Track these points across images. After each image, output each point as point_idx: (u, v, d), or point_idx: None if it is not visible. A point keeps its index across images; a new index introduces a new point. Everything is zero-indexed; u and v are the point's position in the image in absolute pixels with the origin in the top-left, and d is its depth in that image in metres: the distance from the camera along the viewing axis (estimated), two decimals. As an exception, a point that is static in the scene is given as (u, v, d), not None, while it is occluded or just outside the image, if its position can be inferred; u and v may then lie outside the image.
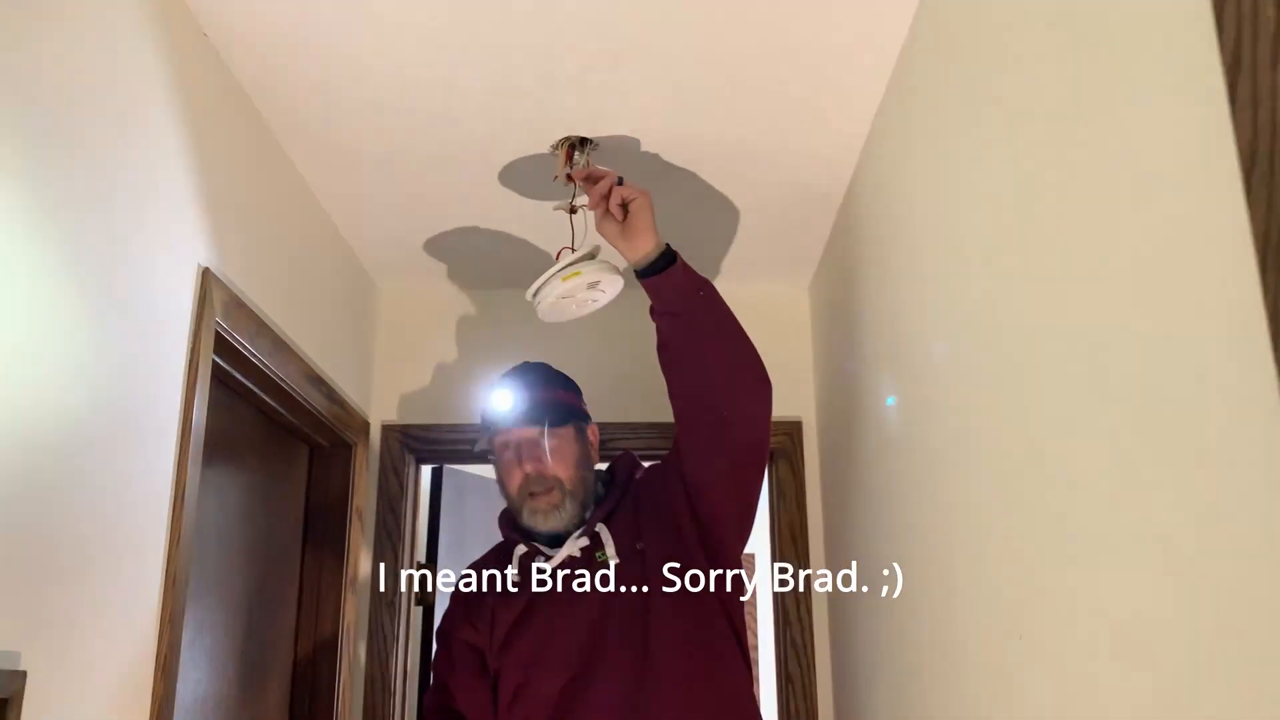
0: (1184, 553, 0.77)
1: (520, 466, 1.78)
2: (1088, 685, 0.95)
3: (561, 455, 1.76)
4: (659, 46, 1.62)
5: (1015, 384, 1.15)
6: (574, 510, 1.77)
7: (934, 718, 1.50)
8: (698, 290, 1.71)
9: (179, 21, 1.50)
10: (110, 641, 1.30)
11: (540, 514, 1.76)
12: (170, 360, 1.47)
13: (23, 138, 1.11)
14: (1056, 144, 1.01)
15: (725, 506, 1.72)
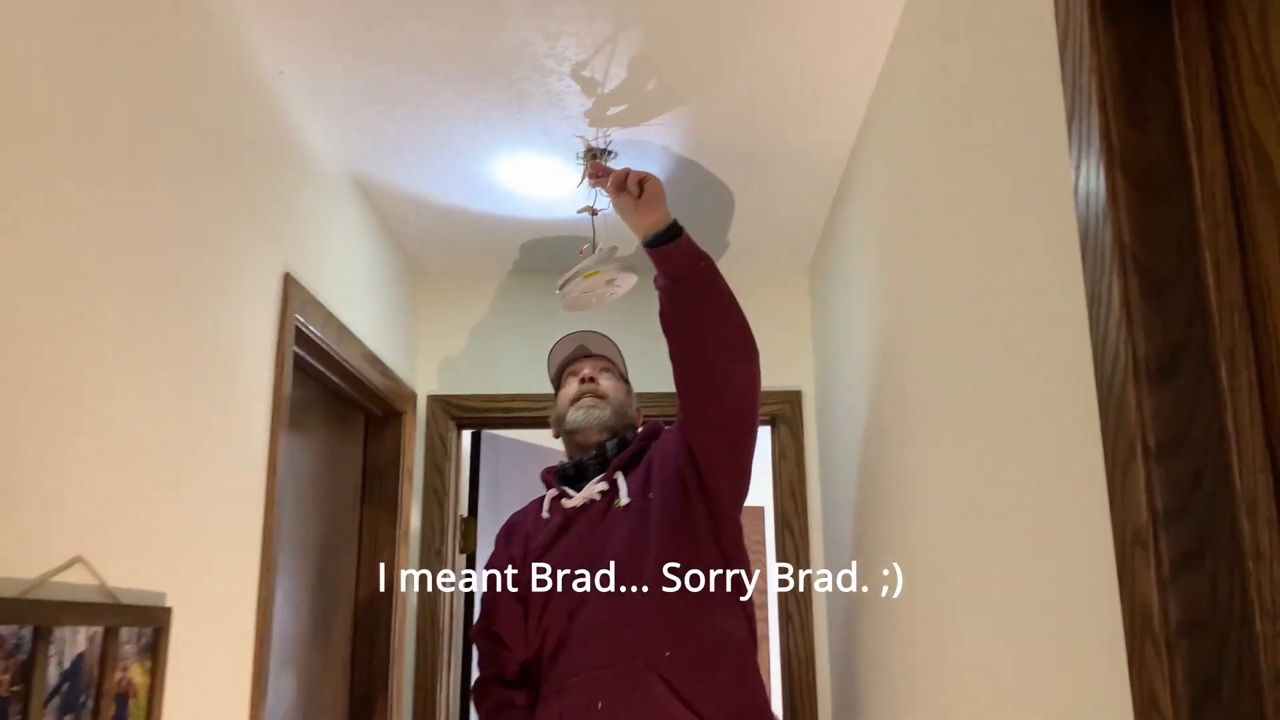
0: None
1: (578, 378, 2.16)
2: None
3: (610, 382, 2.17)
4: (661, 56, 1.87)
5: (968, 367, 1.42)
6: (608, 418, 2.13)
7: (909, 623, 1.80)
8: (698, 261, 1.97)
9: (255, 65, 1.78)
10: (226, 585, 1.62)
11: (584, 409, 2.12)
12: (262, 347, 1.77)
13: (162, 178, 1.41)
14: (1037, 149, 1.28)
15: (719, 460, 1.98)
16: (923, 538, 1.63)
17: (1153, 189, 0.89)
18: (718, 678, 1.90)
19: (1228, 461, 0.83)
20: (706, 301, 1.95)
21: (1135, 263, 0.88)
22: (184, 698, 1.46)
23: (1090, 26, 0.93)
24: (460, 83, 1.92)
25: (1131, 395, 0.86)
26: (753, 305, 2.06)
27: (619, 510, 2.02)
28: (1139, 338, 0.87)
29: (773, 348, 2.77)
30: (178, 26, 1.48)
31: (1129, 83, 0.91)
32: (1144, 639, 0.85)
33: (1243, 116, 0.85)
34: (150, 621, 1.37)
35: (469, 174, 2.32)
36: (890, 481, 1.88)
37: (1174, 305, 0.87)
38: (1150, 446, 0.85)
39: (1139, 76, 0.91)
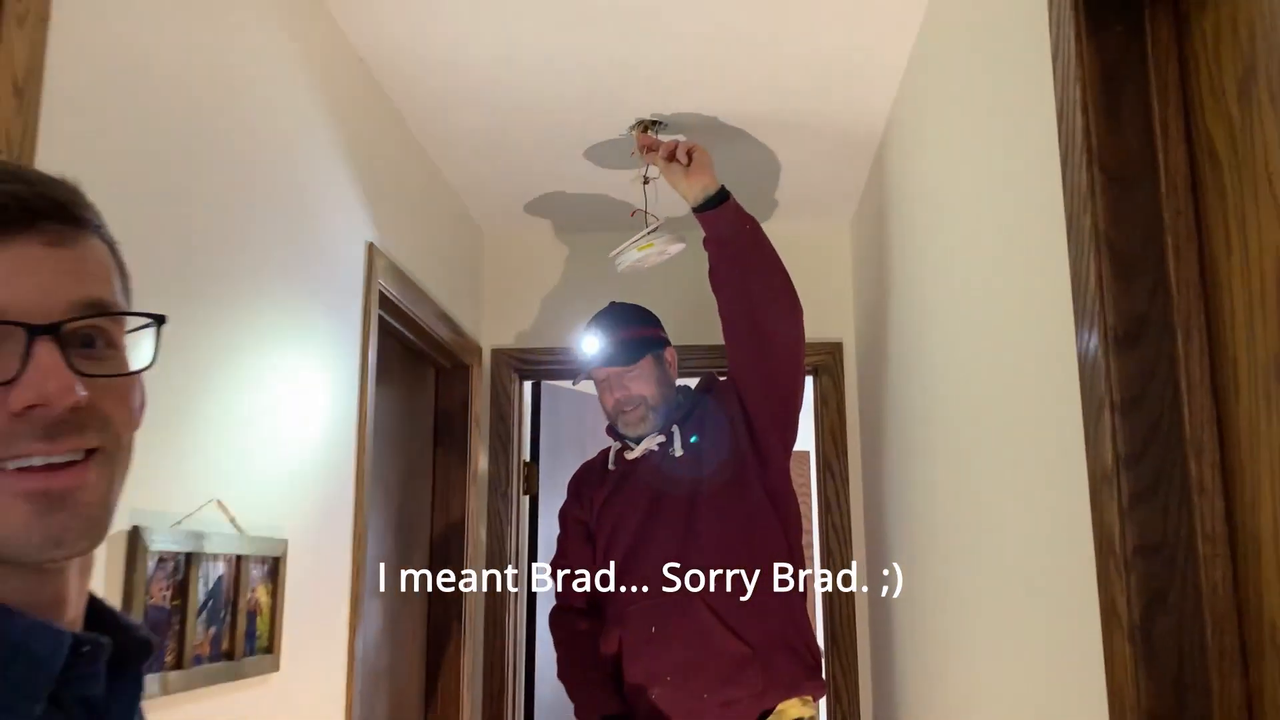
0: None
1: (611, 394, 2.26)
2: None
3: (641, 381, 2.23)
4: (710, 34, 2.02)
5: (988, 331, 1.59)
6: (656, 420, 2.24)
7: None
8: (743, 223, 2.13)
9: (342, 51, 1.96)
10: (328, 521, 1.85)
11: (631, 425, 2.25)
12: (352, 311, 1.98)
13: (270, 163, 1.61)
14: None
15: (767, 408, 2.16)
16: (942, 478, 1.80)
17: (1125, 182, 1.04)
18: (762, 609, 2.09)
19: (1180, 414, 1.00)
20: (752, 260, 2.12)
21: (1108, 245, 1.04)
22: (298, 615, 1.70)
23: (1075, 41, 1.08)
24: (525, 73, 2.10)
25: (1102, 358, 1.03)
26: (797, 260, 2.23)
27: (674, 459, 2.21)
28: (1110, 309, 1.03)
29: (815, 301, 2.92)
30: (290, 11, 1.67)
31: (1107, 91, 1.06)
32: (1108, 559, 1.02)
33: (1201, 122, 1.01)
34: (271, 552, 1.60)
35: (534, 144, 2.49)
36: (918, 428, 2.05)
37: (1140, 282, 1.03)
38: (1116, 401, 1.01)
39: (1116, 86, 1.06)
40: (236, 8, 1.52)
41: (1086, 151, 1.06)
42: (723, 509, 2.13)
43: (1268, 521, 0.90)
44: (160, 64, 1.31)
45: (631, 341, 2.26)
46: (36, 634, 0.61)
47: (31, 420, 0.59)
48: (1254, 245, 0.91)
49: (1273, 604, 0.90)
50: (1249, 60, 0.92)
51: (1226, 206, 0.97)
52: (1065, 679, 1.19)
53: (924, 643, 2.07)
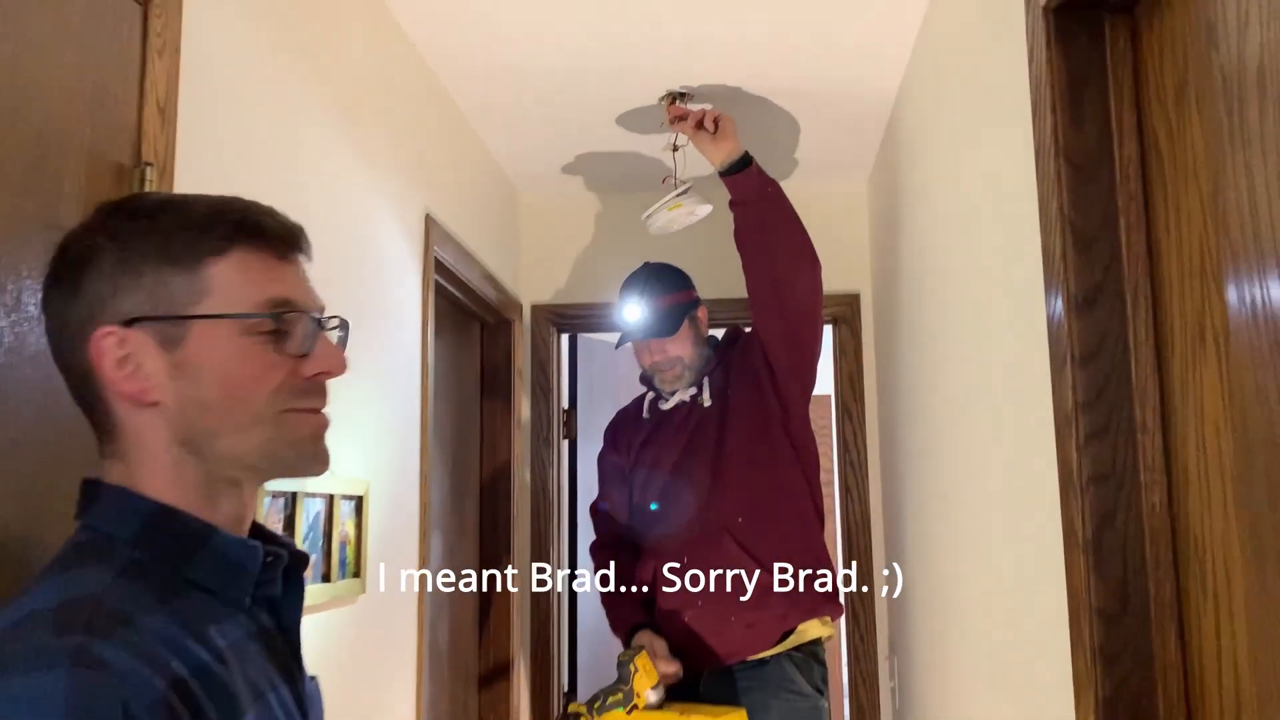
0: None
1: (650, 356, 2.45)
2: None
3: (678, 344, 2.41)
4: (732, 9, 2.20)
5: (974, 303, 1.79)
6: (691, 377, 2.44)
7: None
8: (766, 186, 2.32)
9: (393, 33, 2.16)
10: (399, 464, 2.09)
11: (668, 383, 2.46)
12: (412, 277, 2.20)
13: (338, 138, 1.82)
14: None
15: (786, 357, 2.35)
16: (941, 420, 2.02)
17: (1085, 172, 1.24)
18: (782, 539, 2.31)
19: (1128, 367, 1.20)
20: (773, 220, 2.30)
21: (1070, 225, 1.23)
22: (379, 545, 1.94)
23: (1046, 48, 1.27)
24: (563, 51, 2.28)
25: (1065, 320, 1.23)
26: (817, 217, 2.43)
27: (703, 408, 2.43)
28: (1071, 279, 1.23)
29: (834, 255, 3.12)
30: (344, 3, 1.87)
31: (1072, 93, 1.25)
32: (1068, 487, 1.24)
33: (1149, 122, 1.20)
34: (356, 491, 1.84)
35: (567, 111, 2.68)
36: (923, 376, 2.26)
37: (1097, 256, 1.22)
38: (1076, 356, 1.22)
39: (1080, 88, 1.25)
40: (322, 25, 1.72)
41: (1054, 145, 1.25)
42: (748, 451, 2.34)
43: (1194, 455, 1.11)
44: (258, 82, 1.52)
45: (669, 310, 2.42)
46: (242, 548, 0.84)
47: (316, 383, 0.87)
48: (1185, 228, 1.11)
49: (1197, 521, 1.11)
50: (1183, 74, 1.10)
51: (1166, 195, 1.16)
52: (1033, 585, 1.41)
53: (926, 555, 2.30)
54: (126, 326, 0.79)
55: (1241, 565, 1.00)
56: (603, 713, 2.15)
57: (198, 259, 0.82)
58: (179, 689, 0.70)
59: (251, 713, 0.77)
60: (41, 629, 0.68)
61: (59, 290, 0.81)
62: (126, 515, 0.80)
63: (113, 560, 0.77)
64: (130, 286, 0.79)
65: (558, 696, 3.16)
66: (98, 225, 0.82)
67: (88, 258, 0.80)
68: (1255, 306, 0.95)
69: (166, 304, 0.80)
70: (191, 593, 0.79)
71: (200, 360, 0.81)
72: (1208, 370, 1.07)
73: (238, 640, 0.80)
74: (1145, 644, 1.17)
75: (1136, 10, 1.22)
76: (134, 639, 0.69)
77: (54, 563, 0.77)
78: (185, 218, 0.83)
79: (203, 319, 0.81)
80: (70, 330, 0.80)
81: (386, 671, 1.99)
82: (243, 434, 0.82)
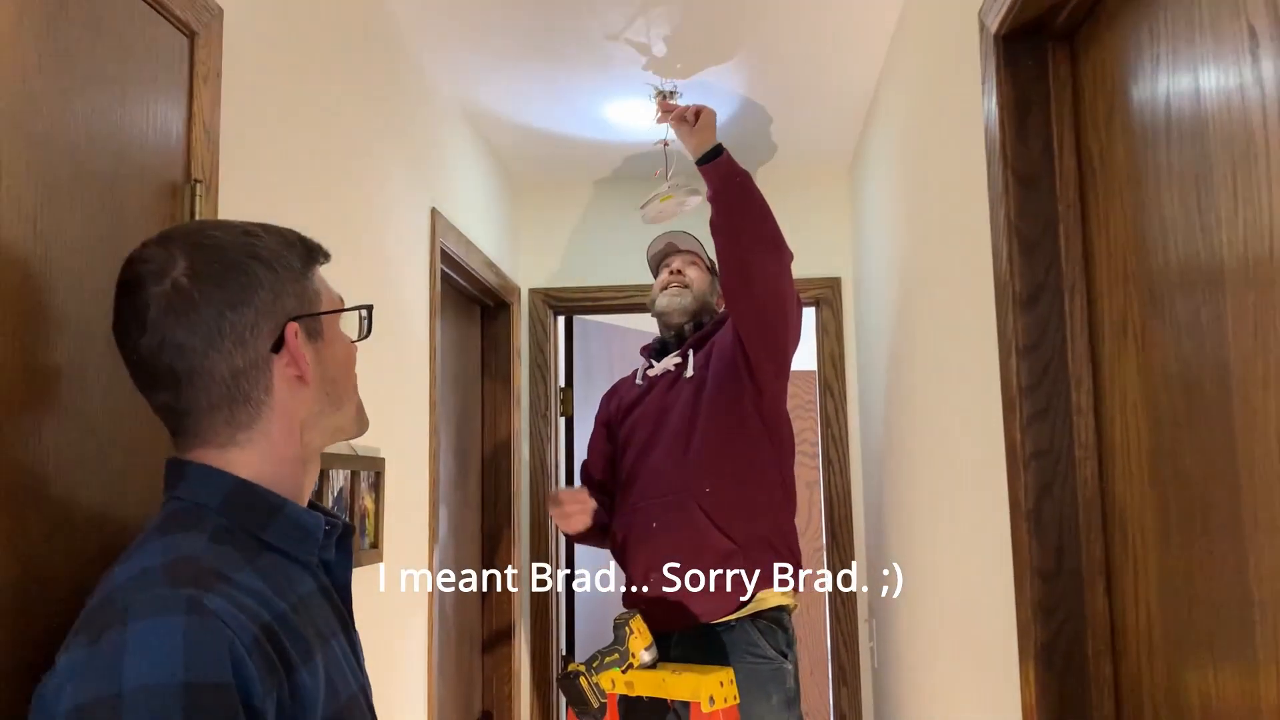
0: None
1: (668, 269, 2.60)
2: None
3: (695, 271, 2.59)
4: (716, 17, 2.34)
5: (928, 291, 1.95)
6: (689, 304, 2.57)
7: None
8: (734, 176, 2.39)
9: (403, 50, 2.30)
10: (411, 441, 2.25)
11: (669, 296, 2.58)
12: (421, 266, 2.35)
13: (351, 145, 1.97)
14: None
15: (756, 338, 2.40)
16: (911, 401, 2.18)
17: (1030, 183, 1.39)
18: (747, 512, 2.36)
19: (1065, 356, 1.37)
20: (740, 207, 2.36)
21: (1016, 231, 1.39)
22: (394, 517, 2.11)
23: (996, 72, 1.42)
24: (557, 48, 2.42)
25: (1011, 314, 1.39)
26: (801, 205, 2.60)
27: (685, 380, 2.56)
28: (1017, 279, 1.39)
29: (817, 241, 3.29)
30: (352, 23, 2.01)
31: (1019, 112, 1.40)
32: (1014, 463, 1.40)
33: (1085, 140, 1.35)
34: (374, 468, 2.00)
35: (564, 107, 2.83)
36: (896, 357, 2.43)
37: (1039, 259, 1.38)
38: (1020, 347, 1.38)
39: (1025, 109, 1.40)
40: (342, 47, 1.86)
41: (1003, 159, 1.41)
42: (720, 425, 2.41)
43: (1119, 434, 1.28)
44: (288, 101, 1.67)
45: (697, 243, 2.65)
46: (309, 515, 1.01)
47: None
48: (1112, 235, 1.27)
49: (1123, 492, 1.28)
50: (1111, 102, 1.26)
51: (1099, 206, 1.32)
52: (986, 549, 1.58)
53: (900, 524, 2.48)
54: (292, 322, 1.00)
55: (1155, 530, 1.17)
56: (600, 672, 2.32)
57: (306, 272, 1.03)
58: (267, 632, 0.86)
59: (320, 654, 0.93)
60: (156, 582, 0.84)
61: (215, 304, 0.95)
62: (211, 488, 0.96)
63: (202, 526, 0.93)
64: (285, 293, 1.00)
65: (556, 659, 3.35)
66: (236, 246, 0.98)
67: (243, 271, 0.97)
68: (1164, 308, 1.11)
69: (309, 305, 1.02)
70: (269, 553, 0.95)
71: (330, 347, 1.04)
72: (1129, 361, 1.23)
73: (307, 594, 0.96)
74: (1078, 599, 1.35)
75: (1076, 39, 1.38)
76: (231, 592, 0.86)
77: (154, 528, 0.93)
78: (284, 241, 1.03)
79: (329, 314, 1.05)
80: (238, 329, 0.96)
81: (401, 634, 2.16)
82: (348, 403, 1.08)
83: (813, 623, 4.63)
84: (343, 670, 0.97)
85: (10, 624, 0.96)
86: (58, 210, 1.07)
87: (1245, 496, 0.94)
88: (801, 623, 4.94)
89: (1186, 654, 1.09)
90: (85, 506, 1.09)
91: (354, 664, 1.02)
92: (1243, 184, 0.92)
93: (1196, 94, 1.02)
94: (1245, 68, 0.91)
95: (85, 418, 1.09)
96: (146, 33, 1.25)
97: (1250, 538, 0.94)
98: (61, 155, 1.08)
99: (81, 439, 1.08)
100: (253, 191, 1.51)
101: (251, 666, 0.82)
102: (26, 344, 1.01)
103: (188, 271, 0.95)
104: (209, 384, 0.96)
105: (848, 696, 3.20)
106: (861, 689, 3.20)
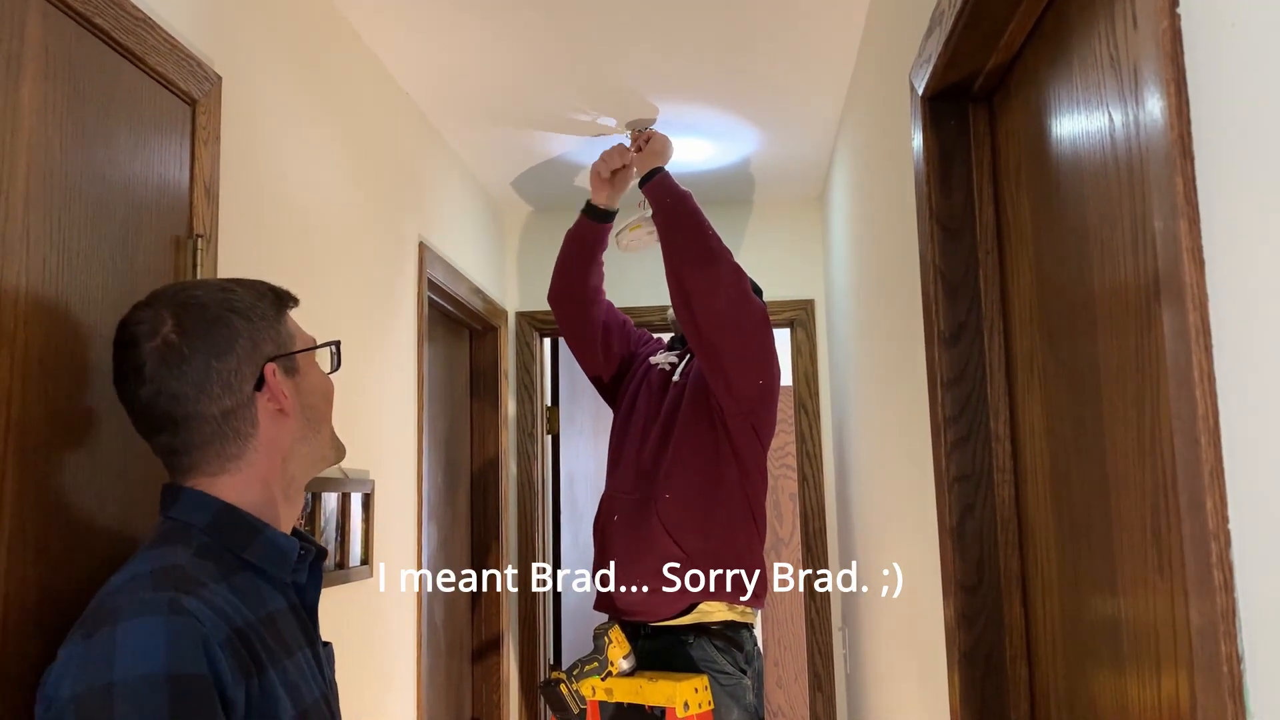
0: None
1: None
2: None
3: None
4: (686, 54, 2.50)
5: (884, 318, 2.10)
6: None
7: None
8: (667, 196, 2.50)
9: (392, 88, 2.45)
10: (399, 462, 2.39)
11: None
12: (408, 296, 2.49)
13: (349, 183, 2.11)
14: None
15: (700, 353, 2.44)
16: (868, 423, 2.33)
17: (953, 231, 1.54)
18: (701, 527, 2.42)
19: (985, 389, 1.51)
20: (674, 222, 2.46)
21: (940, 275, 1.54)
22: (384, 536, 2.25)
23: (923, 130, 1.56)
24: (540, 89, 2.58)
25: (937, 350, 1.53)
26: (776, 231, 2.83)
27: (674, 383, 2.66)
28: (941, 318, 1.53)
29: (791, 265, 3.44)
30: (349, 61, 2.16)
31: (943, 166, 1.55)
32: (941, 485, 1.54)
33: (1002, 192, 1.50)
34: (365, 489, 2.14)
35: (545, 142, 2.98)
36: (861, 379, 2.57)
37: (961, 300, 1.53)
38: (944, 379, 1.52)
39: (949, 163, 1.54)
40: (334, 90, 2.01)
41: (929, 209, 1.55)
42: (689, 436, 2.48)
43: (1030, 459, 1.42)
44: (282, 154, 1.81)
45: None
46: (284, 540, 1.15)
47: None
48: (1020, 280, 1.41)
49: (1033, 511, 1.42)
50: (1018, 157, 1.41)
51: (1012, 252, 1.46)
52: (923, 564, 1.72)
53: (865, 539, 2.62)
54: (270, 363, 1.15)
55: (1055, 546, 1.32)
56: (580, 679, 2.45)
57: (279, 317, 1.18)
58: (239, 634, 1.01)
59: (288, 661, 1.07)
60: (143, 587, 0.98)
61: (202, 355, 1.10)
62: (201, 509, 1.10)
63: (189, 542, 1.07)
64: (262, 339, 1.14)
65: (544, 669, 3.48)
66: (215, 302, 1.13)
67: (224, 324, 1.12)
68: (1058, 346, 1.25)
69: (284, 345, 1.17)
70: (246, 571, 1.09)
71: (306, 379, 1.19)
72: (1035, 393, 1.37)
73: (278, 610, 1.11)
74: (996, 609, 1.49)
75: (994, 100, 1.52)
76: (208, 597, 1.00)
77: (147, 544, 1.08)
78: (256, 293, 1.17)
79: (302, 352, 1.19)
80: (224, 375, 1.10)
81: (392, 645, 2.30)
82: (323, 432, 1.22)
83: (793, 632, 4.76)
84: (307, 679, 1.11)
85: (34, 629, 1.10)
86: (75, 269, 1.21)
87: (1113, 514, 1.08)
88: (783, 632, 5.08)
89: (1079, 658, 1.23)
90: (98, 529, 1.23)
91: (318, 674, 1.16)
92: (1106, 238, 1.07)
93: (1075, 157, 1.16)
94: (1106, 140, 1.06)
95: (98, 453, 1.23)
96: (153, 104, 1.40)
97: (1117, 553, 1.08)
98: (79, 220, 1.22)
99: (95, 472, 1.23)
100: (249, 244, 1.66)
101: (224, 661, 0.96)
102: (49, 390, 1.15)
103: (176, 329, 1.10)
104: (202, 425, 1.10)
105: (823, 703, 3.33)
106: (836, 696, 3.33)
